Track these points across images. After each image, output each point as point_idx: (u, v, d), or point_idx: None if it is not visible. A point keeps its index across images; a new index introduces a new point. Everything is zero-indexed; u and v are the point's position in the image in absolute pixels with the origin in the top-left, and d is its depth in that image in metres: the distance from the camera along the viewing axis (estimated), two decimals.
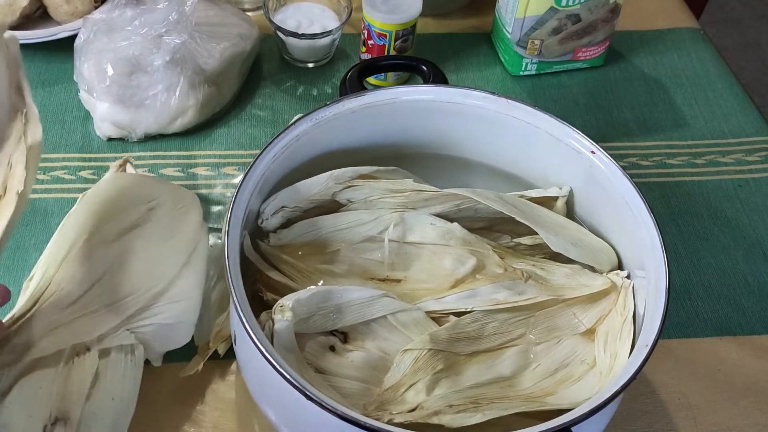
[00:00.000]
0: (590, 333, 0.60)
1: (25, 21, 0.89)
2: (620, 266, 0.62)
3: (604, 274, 0.61)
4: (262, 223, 0.62)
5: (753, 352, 0.69)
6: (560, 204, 0.66)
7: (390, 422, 0.51)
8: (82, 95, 0.83)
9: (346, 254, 0.63)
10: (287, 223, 0.63)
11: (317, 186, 0.63)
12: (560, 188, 0.66)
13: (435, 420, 0.52)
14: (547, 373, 0.58)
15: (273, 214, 0.62)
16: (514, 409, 0.53)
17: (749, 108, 0.90)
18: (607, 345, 0.57)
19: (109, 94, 0.79)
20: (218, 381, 0.65)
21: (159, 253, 0.64)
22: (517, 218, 0.62)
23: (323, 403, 0.47)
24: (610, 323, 0.59)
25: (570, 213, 0.66)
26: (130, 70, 0.79)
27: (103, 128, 0.82)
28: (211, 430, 0.63)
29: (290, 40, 0.88)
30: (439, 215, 0.65)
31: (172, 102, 0.80)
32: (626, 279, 0.60)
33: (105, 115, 0.80)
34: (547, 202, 0.66)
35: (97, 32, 0.80)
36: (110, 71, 0.78)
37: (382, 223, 0.63)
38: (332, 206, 0.65)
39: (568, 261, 0.62)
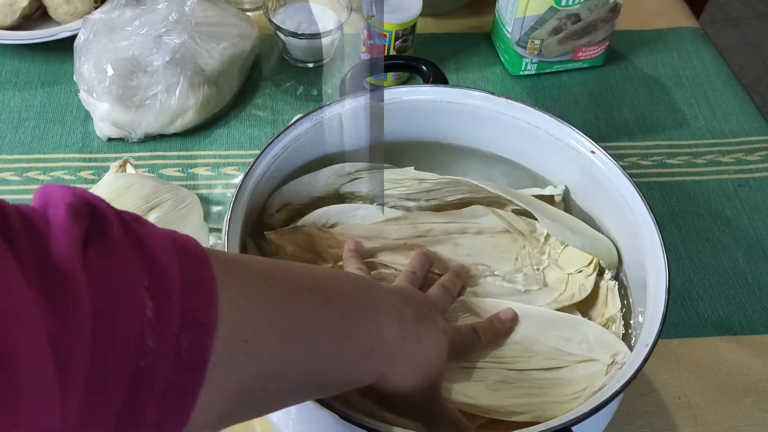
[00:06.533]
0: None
1: (25, 21, 0.89)
2: (620, 263, 0.62)
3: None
4: (267, 219, 0.62)
5: (753, 352, 0.69)
6: (557, 202, 0.66)
7: None
8: (82, 95, 0.83)
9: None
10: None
11: (320, 180, 0.64)
12: (555, 187, 0.66)
13: None
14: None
15: (278, 210, 0.62)
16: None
17: (749, 108, 0.90)
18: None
19: (109, 94, 0.79)
20: None
21: None
22: (517, 202, 0.63)
23: (323, 403, 0.46)
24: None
25: (570, 212, 0.66)
26: (130, 71, 0.79)
27: (103, 128, 0.82)
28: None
29: (290, 40, 0.88)
30: None
31: (172, 102, 0.80)
32: (611, 281, 0.61)
33: (105, 115, 0.80)
34: (545, 201, 0.66)
35: (97, 32, 0.80)
36: (110, 71, 0.78)
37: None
38: (337, 201, 0.65)
39: None
